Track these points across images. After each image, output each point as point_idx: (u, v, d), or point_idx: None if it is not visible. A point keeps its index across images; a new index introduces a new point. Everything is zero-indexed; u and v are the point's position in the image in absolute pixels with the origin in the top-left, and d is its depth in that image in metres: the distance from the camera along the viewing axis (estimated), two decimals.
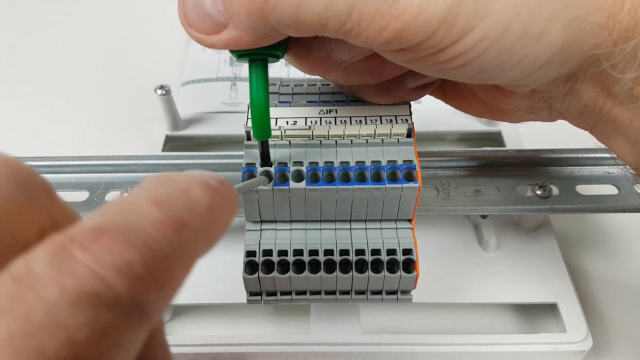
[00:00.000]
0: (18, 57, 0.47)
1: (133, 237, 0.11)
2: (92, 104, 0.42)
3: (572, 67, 0.18)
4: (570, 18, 0.16)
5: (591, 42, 0.17)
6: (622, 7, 0.16)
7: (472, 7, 0.16)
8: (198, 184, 0.13)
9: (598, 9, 0.16)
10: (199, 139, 0.38)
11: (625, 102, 0.18)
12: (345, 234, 0.23)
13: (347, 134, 0.23)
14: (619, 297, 0.30)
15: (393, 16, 0.16)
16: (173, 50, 0.46)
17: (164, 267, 0.11)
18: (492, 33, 0.16)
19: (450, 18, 0.16)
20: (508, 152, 0.31)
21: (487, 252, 0.30)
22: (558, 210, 0.28)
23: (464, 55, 0.17)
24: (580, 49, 0.17)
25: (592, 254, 0.32)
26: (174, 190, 0.13)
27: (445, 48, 0.17)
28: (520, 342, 0.26)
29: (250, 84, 0.19)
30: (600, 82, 0.18)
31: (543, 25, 0.16)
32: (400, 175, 0.22)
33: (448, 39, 0.16)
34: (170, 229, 0.12)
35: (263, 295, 0.23)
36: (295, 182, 0.22)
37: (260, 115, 0.20)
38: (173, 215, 0.12)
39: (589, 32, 0.17)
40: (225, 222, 0.14)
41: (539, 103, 0.21)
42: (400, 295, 0.24)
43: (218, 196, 0.13)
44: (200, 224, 0.13)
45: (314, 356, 0.26)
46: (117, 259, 0.10)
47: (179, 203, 0.12)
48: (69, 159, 0.30)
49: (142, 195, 0.12)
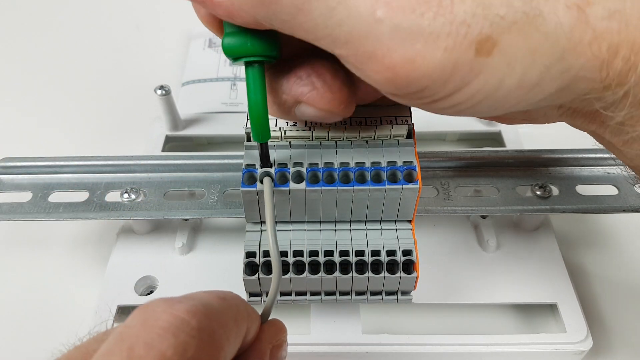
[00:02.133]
0: (18, 57, 0.47)
1: None
2: (92, 104, 0.42)
3: (565, 102, 0.18)
4: (563, 70, 0.16)
5: (583, 88, 0.17)
6: (616, 54, 0.16)
7: (467, 65, 0.16)
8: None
9: (591, 58, 0.16)
10: (199, 139, 0.38)
11: (616, 133, 0.19)
12: (345, 235, 0.23)
13: (347, 135, 0.23)
14: (619, 297, 0.30)
15: (385, 65, 0.16)
16: (173, 50, 0.46)
17: None
18: (486, 88, 0.16)
19: (445, 75, 0.16)
20: (508, 152, 0.31)
21: (487, 253, 0.30)
22: (558, 210, 0.28)
23: (458, 106, 0.17)
24: (572, 92, 0.17)
25: (592, 254, 0.32)
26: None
27: (438, 100, 0.17)
28: (520, 343, 0.26)
29: (248, 87, 0.19)
30: (592, 116, 0.19)
31: (537, 78, 0.16)
32: (400, 176, 0.22)
33: (442, 92, 0.16)
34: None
35: (263, 295, 0.23)
36: (295, 183, 0.22)
37: (258, 118, 0.20)
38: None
39: (581, 80, 0.17)
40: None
41: (536, 116, 0.22)
42: (400, 296, 0.24)
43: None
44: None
45: (314, 356, 0.26)
46: None
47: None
48: (69, 159, 0.30)
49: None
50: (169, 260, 0.29)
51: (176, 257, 0.29)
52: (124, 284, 0.28)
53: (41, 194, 0.29)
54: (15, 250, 0.33)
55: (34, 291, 0.31)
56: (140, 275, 0.28)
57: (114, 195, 0.29)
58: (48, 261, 0.32)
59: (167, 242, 0.30)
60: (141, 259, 0.29)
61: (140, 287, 0.28)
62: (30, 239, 0.33)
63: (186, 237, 0.29)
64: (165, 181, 0.30)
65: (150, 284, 0.29)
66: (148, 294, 0.28)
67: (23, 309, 0.30)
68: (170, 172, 0.30)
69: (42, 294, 0.31)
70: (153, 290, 0.28)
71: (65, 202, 0.29)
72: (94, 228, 0.33)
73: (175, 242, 0.29)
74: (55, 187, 0.30)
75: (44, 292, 0.31)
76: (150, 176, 0.30)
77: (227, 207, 0.28)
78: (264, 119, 0.20)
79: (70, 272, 0.32)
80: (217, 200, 0.29)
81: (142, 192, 0.29)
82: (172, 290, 0.28)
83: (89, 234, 0.33)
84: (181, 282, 0.28)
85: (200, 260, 0.29)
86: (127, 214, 0.28)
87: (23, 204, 0.29)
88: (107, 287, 0.28)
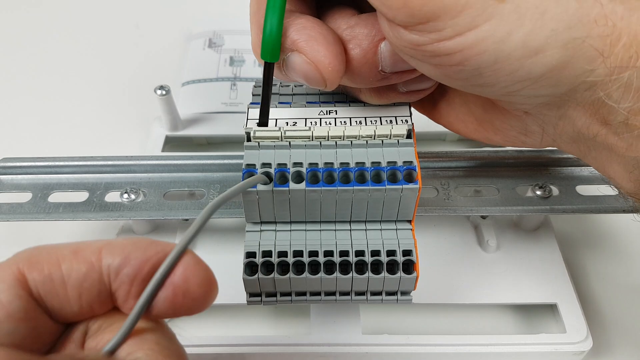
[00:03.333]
0: (17, 56, 0.47)
1: None
2: (92, 104, 0.42)
3: (564, 91, 0.18)
4: (570, 39, 0.17)
5: (585, 68, 0.17)
6: (618, 40, 0.17)
7: (479, 6, 0.16)
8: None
9: (597, 35, 0.17)
10: (199, 139, 0.38)
11: (619, 131, 0.18)
12: (345, 235, 0.23)
13: (347, 134, 0.23)
14: (619, 297, 0.30)
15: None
16: (173, 50, 0.46)
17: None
18: (494, 36, 0.17)
19: (458, 7, 0.16)
20: (508, 153, 0.31)
21: (487, 253, 0.30)
22: (558, 210, 0.28)
23: (464, 52, 0.17)
24: (573, 72, 0.18)
25: (592, 254, 0.32)
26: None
27: (447, 39, 0.17)
28: (520, 343, 0.26)
29: (268, 2, 0.19)
30: (594, 110, 0.19)
31: (542, 41, 0.17)
32: (400, 176, 0.22)
33: (451, 29, 0.17)
34: None
35: (263, 296, 0.23)
36: (295, 183, 0.22)
37: (272, 33, 0.19)
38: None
39: (584, 57, 0.17)
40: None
41: (532, 126, 0.22)
42: (400, 296, 0.24)
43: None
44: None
45: (314, 356, 0.26)
46: None
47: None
48: (69, 159, 0.30)
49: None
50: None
51: None
52: None
53: (41, 194, 0.29)
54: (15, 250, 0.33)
55: None
56: None
57: (113, 195, 0.29)
58: None
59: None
60: None
61: None
62: (30, 239, 0.33)
63: None
64: (165, 181, 0.30)
65: None
66: None
67: None
68: (170, 172, 0.30)
69: None
70: None
71: (65, 203, 0.29)
72: (93, 228, 0.33)
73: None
74: (55, 188, 0.30)
75: None
76: (150, 176, 0.30)
77: (227, 207, 0.28)
78: (277, 34, 0.20)
79: None
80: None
81: (141, 192, 0.29)
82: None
83: (89, 234, 0.33)
84: None
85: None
86: (127, 214, 0.28)
87: (23, 204, 0.29)
88: None
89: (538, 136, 0.22)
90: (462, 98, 0.24)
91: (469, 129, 0.24)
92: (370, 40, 0.20)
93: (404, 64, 0.20)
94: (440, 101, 0.25)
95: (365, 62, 0.21)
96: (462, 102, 0.24)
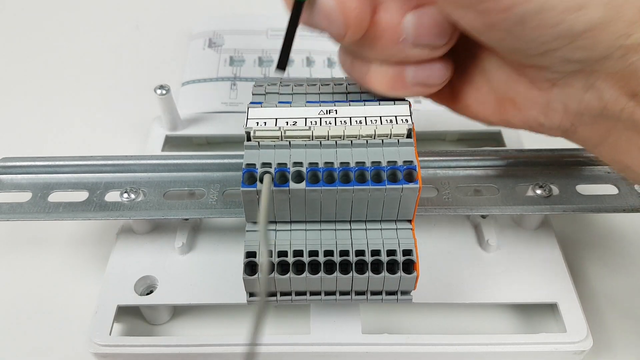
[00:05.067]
0: (17, 56, 0.47)
1: None
2: (92, 104, 0.42)
3: (599, 56, 0.18)
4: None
5: (623, 31, 0.17)
6: None
7: None
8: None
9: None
10: (199, 139, 0.38)
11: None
12: (345, 235, 0.23)
13: (347, 134, 0.23)
14: (619, 297, 0.30)
15: None
16: (173, 50, 0.46)
17: None
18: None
19: None
20: (508, 152, 0.31)
21: (487, 252, 0.30)
22: (558, 210, 0.28)
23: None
24: (612, 34, 0.18)
25: (592, 254, 0.32)
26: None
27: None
28: (520, 342, 0.26)
29: None
30: (624, 82, 0.19)
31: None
32: (400, 176, 0.22)
33: None
34: None
35: None
36: (295, 182, 0.22)
37: None
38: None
39: (624, 19, 0.17)
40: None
41: (555, 103, 0.21)
42: (400, 296, 0.24)
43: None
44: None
45: (314, 356, 0.26)
46: None
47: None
48: (69, 159, 0.30)
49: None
50: (169, 260, 0.29)
51: (176, 257, 0.29)
52: (123, 284, 0.28)
53: (41, 194, 0.29)
54: (15, 250, 0.33)
55: (34, 291, 0.31)
56: (140, 275, 0.28)
57: (113, 195, 0.29)
58: (48, 261, 0.32)
59: (167, 242, 0.30)
60: (141, 258, 0.29)
61: (140, 287, 0.28)
62: (30, 239, 0.33)
63: (186, 236, 0.29)
64: (165, 181, 0.30)
65: (150, 283, 0.28)
66: (148, 294, 0.28)
67: (22, 309, 0.30)
68: (170, 172, 0.30)
69: (41, 293, 0.31)
70: (153, 290, 0.28)
71: (64, 202, 0.29)
72: (93, 228, 0.33)
73: (175, 242, 0.29)
74: (54, 187, 0.30)
75: (43, 292, 0.31)
76: (150, 176, 0.30)
77: (227, 206, 0.28)
78: None
79: (69, 272, 0.32)
80: (217, 200, 0.29)
81: (141, 192, 0.29)
82: (172, 290, 0.28)
83: (89, 234, 0.33)
84: (181, 282, 0.28)
85: (200, 260, 0.29)
86: (127, 214, 0.28)
87: (23, 204, 0.29)
88: (107, 287, 0.28)
89: (558, 116, 0.22)
90: (484, 75, 0.23)
91: (488, 111, 0.24)
92: (399, 7, 0.21)
93: (426, 38, 0.21)
94: (458, 82, 0.24)
95: (389, 27, 0.21)
96: (483, 80, 0.23)
